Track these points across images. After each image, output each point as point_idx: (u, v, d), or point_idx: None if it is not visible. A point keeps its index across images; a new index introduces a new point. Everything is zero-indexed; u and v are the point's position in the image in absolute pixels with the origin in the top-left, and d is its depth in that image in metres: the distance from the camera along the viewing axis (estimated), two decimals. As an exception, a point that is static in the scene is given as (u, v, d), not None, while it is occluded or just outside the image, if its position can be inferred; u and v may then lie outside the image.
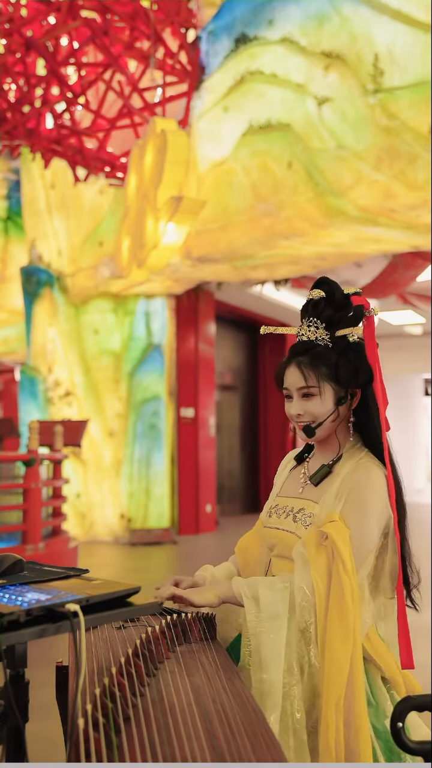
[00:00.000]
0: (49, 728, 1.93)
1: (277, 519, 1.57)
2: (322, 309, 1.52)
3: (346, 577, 1.34)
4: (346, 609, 1.32)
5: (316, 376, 1.49)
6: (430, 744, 1.14)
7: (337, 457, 1.53)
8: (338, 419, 1.53)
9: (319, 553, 1.36)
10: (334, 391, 1.50)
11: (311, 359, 1.50)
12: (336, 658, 1.30)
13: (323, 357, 1.50)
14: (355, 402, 1.53)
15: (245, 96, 6.56)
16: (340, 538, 1.37)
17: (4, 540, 5.83)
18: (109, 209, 9.29)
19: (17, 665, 1.20)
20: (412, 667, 1.42)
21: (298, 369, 1.51)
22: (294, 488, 1.60)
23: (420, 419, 17.52)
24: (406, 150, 5.26)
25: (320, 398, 1.50)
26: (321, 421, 1.51)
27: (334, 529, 1.39)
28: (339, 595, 1.33)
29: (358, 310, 1.50)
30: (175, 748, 0.93)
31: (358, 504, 1.42)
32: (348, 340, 1.50)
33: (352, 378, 1.49)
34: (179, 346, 9.72)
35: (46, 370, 9.88)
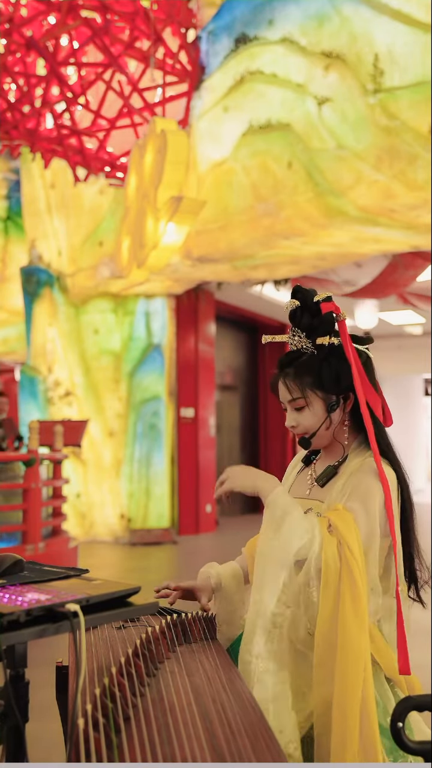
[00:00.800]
0: (49, 728, 1.93)
1: None
2: (300, 318, 1.54)
3: (354, 562, 1.34)
4: (358, 595, 1.33)
5: (300, 387, 1.52)
6: (430, 744, 1.13)
7: (342, 458, 1.54)
8: (333, 425, 1.54)
9: (332, 536, 1.38)
10: (322, 399, 1.52)
11: (295, 371, 1.52)
12: (354, 647, 1.30)
13: (306, 367, 1.52)
14: (349, 405, 1.54)
15: (245, 96, 6.56)
16: (342, 523, 1.38)
17: (4, 540, 5.83)
18: (109, 209, 9.29)
19: (17, 665, 1.20)
20: (408, 674, 1.42)
21: (284, 383, 1.54)
22: (301, 490, 1.61)
23: (420, 419, 17.53)
24: (406, 150, 5.26)
25: (309, 409, 1.53)
26: (314, 432, 1.53)
27: (336, 516, 1.40)
28: (349, 575, 1.34)
29: (328, 318, 1.52)
30: (175, 748, 0.93)
31: (361, 495, 1.43)
32: (330, 345, 1.52)
33: (334, 383, 1.51)
34: (179, 346, 9.72)
35: (46, 370, 9.88)
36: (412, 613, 1.52)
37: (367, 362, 1.55)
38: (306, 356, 1.53)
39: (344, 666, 1.30)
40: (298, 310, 1.54)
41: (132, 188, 8.12)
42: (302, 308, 1.54)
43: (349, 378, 1.50)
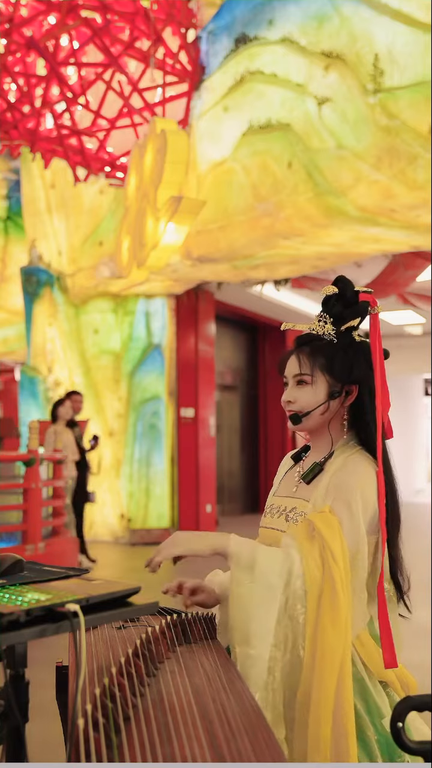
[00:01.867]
0: (49, 728, 1.93)
1: (271, 519, 1.58)
2: (332, 305, 1.55)
3: (335, 567, 1.33)
4: (337, 600, 1.32)
5: (311, 364, 1.52)
6: (430, 744, 1.13)
7: (328, 454, 1.53)
8: (329, 413, 1.53)
9: (312, 544, 1.36)
10: (327, 383, 1.52)
11: (312, 349, 1.53)
12: (328, 650, 1.30)
13: (323, 349, 1.52)
14: (350, 399, 1.53)
15: (245, 96, 6.56)
16: (327, 528, 1.36)
17: (4, 540, 5.83)
18: (109, 209, 9.29)
19: (17, 665, 1.20)
20: (395, 666, 1.41)
21: (297, 357, 1.54)
22: (289, 488, 1.61)
23: (420, 419, 17.52)
24: (406, 150, 5.26)
25: (312, 387, 1.52)
26: (309, 411, 1.52)
27: (320, 519, 1.39)
28: (330, 586, 1.32)
29: (363, 305, 1.53)
30: (175, 748, 0.93)
31: (344, 496, 1.42)
32: (353, 338, 1.53)
33: (345, 372, 1.51)
34: (179, 346, 9.72)
35: (46, 370, 9.88)
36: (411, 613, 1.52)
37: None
38: (325, 341, 1.53)
39: (320, 672, 1.30)
40: (333, 297, 1.55)
41: (132, 188, 8.12)
42: (338, 296, 1.55)
43: (361, 372, 1.50)
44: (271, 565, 1.33)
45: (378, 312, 1.52)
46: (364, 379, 1.50)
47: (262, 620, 1.31)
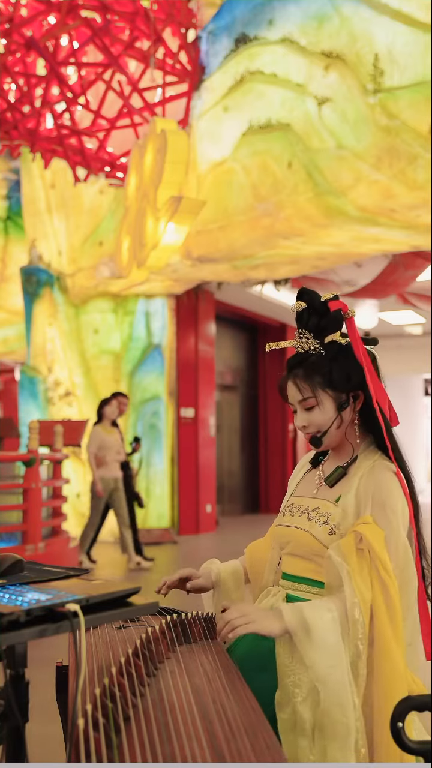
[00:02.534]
0: (49, 728, 1.93)
1: (290, 517, 1.57)
2: (307, 319, 1.54)
3: (388, 578, 1.33)
4: (395, 611, 1.32)
5: (310, 387, 1.52)
6: (430, 744, 1.13)
7: (352, 459, 1.54)
8: (344, 424, 1.54)
9: (360, 561, 1.35)
10: (332, 398, 1.53)
11: (305, 371, 1.53)
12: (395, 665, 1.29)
13: (316, 366, 1.52)
14: (359, 404, 1.54)
15: (245, 96, 6.56)
16: (376, 540, 1.36)
17: (4, 540, 5.83)
18: (109, 209, 9.29)
19: (17, 665, 1.20)
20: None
21: (294, 383, 1.55)
22: (309, 489, 1.61)
23: (420, 419, 17.52)
24: (406, 150, 5.26)
25: (319, 408, 1.53)
26: (325, 430, 1.53)
27: (368, 530, 1.39)
28: (385, 598, 1.32)
29: (337, 315, 1.52)
30: (175, 748, 0.92)
31: (382, 509, 1.43)
32: (339, 345, 1.52)
33: (345, 381, 1.51)
34: (179, 346, 9.72)
35: (46, 370, 9.88)
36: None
37: (375, 362, 1.55)
38: (315, 356, 1.53)
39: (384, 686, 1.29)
40: (305, 311, 1.54)
41: (132, 188, 8.12)
42: (309, 309, 1.54)
43: (359, 376, 1.50)
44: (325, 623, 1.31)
45: (352, 316, 1.52)
46: (365, 381, 1.51)
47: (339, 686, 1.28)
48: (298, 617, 1.31)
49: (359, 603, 1.31)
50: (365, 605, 1.31)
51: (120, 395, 7.34)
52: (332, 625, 1.30)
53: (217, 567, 1.69)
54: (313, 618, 1.30)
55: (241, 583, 1.71)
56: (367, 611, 1.31)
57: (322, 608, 1.33)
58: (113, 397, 7.21)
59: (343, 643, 1.30)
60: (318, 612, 1.32)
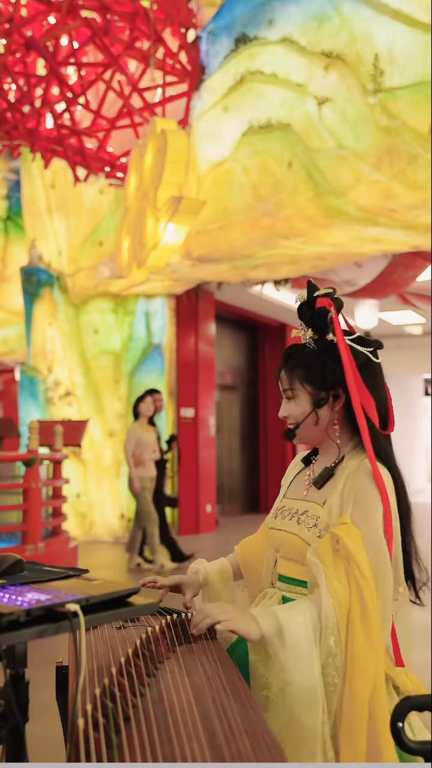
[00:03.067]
0: (49, 728, 1.93)
1: (281, 521, 1.57)
2: (304, 312, 1.55)
3: (363, 581, 1.32)
4: (367, 614, 1.31)
5: (290, 378, 1.54)
6: (430, 744, 1.13)
7: (339, 458, 1.53)
8: (322, 422, 1.53)
9: (336, 561, 1.35)
10: (309, 393, 1.52)
11: (291, 362, 1.55)
12: (360, 665, 1.28)
13: (301, 359, 1.53)
14: (338, 404, 1.52)
15: (245, 96, 6.56)
16: (352, 541, 1.35)
17: (4, 540, 5.83)
18: (109, 209, 9.29)
19: (17, 665, 1.20)
20: (403, 665, 1.41)
21: (281, 373, 1.57)
22: (299, 491, 1.61)
23: (420, 419, 17.53)
24: (406, 150, 5.26)
25: (296, 401, 1.54)
26: (298, 423, 1.54)
27: (345, 531, 1.37)
28: (359, 600, 1.31)
29: (321, 313, 1.52)
30: (175, 747, 0.92)
31: (364, 508, 1.41)
32: (328, 341, 1.52)
33: (319, 378, 1.51)
34: (179, 346, 9.72)
35: (46, 370, 9.88)
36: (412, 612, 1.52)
37: (368, 365, 1.52)
38: (306, 350, 1.54)
39: (352, 686, 1.28)
40: (304, 304, 1.55)
41: (132, 188, 8.12)
42: (307, 303, 1.55)
43: (336, 375, 1.49)
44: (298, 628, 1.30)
45: (335, 314, 1.51)
46: (340, 382, 1.50)
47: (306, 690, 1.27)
48: (273, 621, 1.31)
49: (334, 604, 1.30)
50: (340, 606, 1.30)
51: (154, 392, 7.19)
52: (305, 629, 1.29)
53: (205, 567, 1.68)
54: (287, 622, 1.30)
55: (230, 582, 1.70)
56: (342, 612, 1.30)
57: (296, 611, 1.32)
58: (147, 394, 7.07)
59: (316, 646, 1.29)
60: (291, 616, 1.31)
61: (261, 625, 1.30)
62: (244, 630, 1.31)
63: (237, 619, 1.31)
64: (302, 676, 1.27)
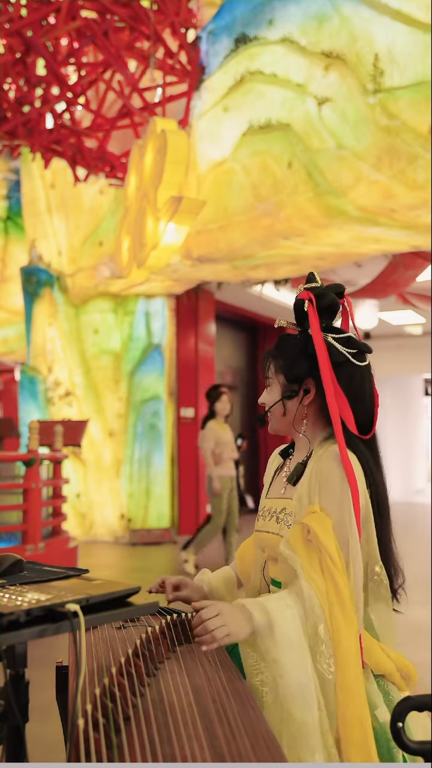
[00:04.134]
0: (49, 728, 1.93)
1: (263, 522, 1.57)
2: (298, 305, 1.58)
3: (335, 570, 1.32)
4: (343, 603, 1.31)
5: (267, 366, 1.58)
6: (430, 744, 1.13)
7: (309, 452, 1.53)
8: (289, 414, 1.54)
9: (310, 552, 1.34)
10: (280, 383, 1.55)
11: (274, 351, 1.58)
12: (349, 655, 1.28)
13: (280, 350, 1.56)
14: (307, 399, 1.51)
15: (245, 96, 6.56)
16: (322, 530, 1.34)
17: (4, 540, 5.83)
18: (109, 209, 9.30)
19: (17, 665, 1.20)
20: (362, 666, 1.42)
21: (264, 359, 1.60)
22: (278, 489, 1.61)
23: (420, 419, 17.52)
24: (406, 150, 5.26)
25: (269, 389, 1.58)
26: (266, 410, 1.57)
27: (315, 521, 1.37)
28: (335, 589, 1.31)
29: (297, 304, 1.54)
30: (175, 748, 0.93)
31: (330, 491, 1.40)
32: (307, 335, 1.53)
33: (288, 369, 1.52)
34: (179, 346, 9.72)
35: (46, 370, 9.88)
36: (411, 612, 1.51)
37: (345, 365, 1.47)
38: (291, 340, 1.56)
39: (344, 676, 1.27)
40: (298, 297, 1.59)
41: (132, 188, 8.12)
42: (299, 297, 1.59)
43: (305, 369, 1.49)
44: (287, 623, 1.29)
45: (308, 309, 1.52)
46: (307, 375, 1.50)
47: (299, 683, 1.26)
48: (264, 614, 1.30)
49: (316, 593, 1.30)
50: (320, 593, 1.30)
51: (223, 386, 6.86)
52: (293, 622, 1.29)
53: (209, 577, 1.69)
54: (276, 615, 1.29)
55: (234, 589, 1.70)
56: (323, 600, 1.30)
57: (283, 604, 1.31)
58: (218, 391, 6.72)
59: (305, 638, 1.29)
60: (280, 609, 1.31)
61: (254, 618, 1.29)
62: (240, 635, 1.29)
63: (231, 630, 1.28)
64: (295, 668, 1.26)
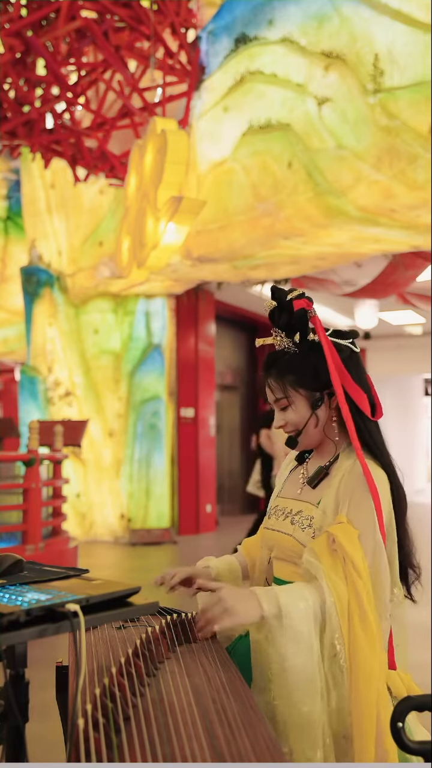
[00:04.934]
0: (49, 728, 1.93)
1: (275, 521, 1.56)
2: (277, 317, 1.54)
3: (359, 581, 1.31)
4: (365, 614, 1.30)
5: (281, 386, 1.52)
6: (430, 744, 1.13)
7: (333, 457, 1.52)
8: (321, 423, 1.52)
9: (334, 561, 1.34)
10: (305, 396, 1.51)
11: (277, 370, 1.53)
12: (362, 662, 1.27)
13: (287, 365, 1.52)
14: (334, 400, 1.52)
15: (245, 96, 6.56)
16: (347, 540, 1.34)
17: (4, 540, 5.83)
18: (109, 209, 9.30)
19: (17, 665, 1.20)
20: (395, 668, 1.41)
21: (268, 383, 1.55)
22: (293, 490, 1.60)
23: (420, 419, 17.53)
24: (406, 150, 5.26)
25: (293, 408, 1.52)
26: (300, 430, 1.52)
27: (340, 530, 1.36)
28: (356, 599, 1.30)
29: (300, 315, 1.50)
30: (175, 748, 0.92)
31: (359, 508, 1.40)
32: (310, 342, 1.51)
33: (314, 379, 1.50)
34: (179, 346, 9.72)
35: (46, 370, 9.88)
36: (411, 613, 1.52)
37: (351, 356, 1.52)
38: (288, 355, 1.52)
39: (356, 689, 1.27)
40: (275, 310, 1.54)
41: (132, 188, 8.12)
42: (279, 308, 1.53)
43: (327, 374, 1.48)
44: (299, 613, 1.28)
45: (314, 314, 1.51)
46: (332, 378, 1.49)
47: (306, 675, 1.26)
48: (274, 603, 1.29)
49: (335, 602, 1.29)
50: (341, 603, 1.29)
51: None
52: (305, 615, 1.28)
53: (214, 564, 1.67)
54: (287, 605, 1.28)
55: (238, 579, 1.69)
56: (343, 610, 1.29)
57: (297, 596, 1.31)
58: None
59: (316, 633, 1.28)
60: (292, 599, 1.30)
61: (263, 606, 1.28)
62: (244, 617, 1.28)
63: (235, 608, 1.28)
64: (301, 659, 1.26)
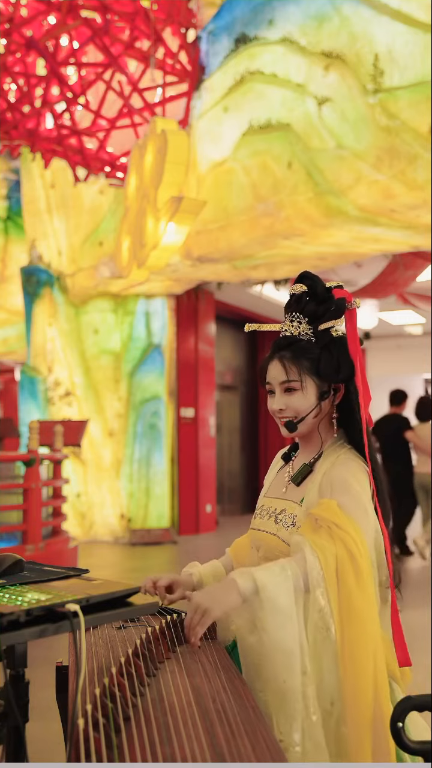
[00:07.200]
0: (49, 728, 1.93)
1: (261, 521, 1.56)
2: (305, 303, 1.52)
3: (347, 536, 1.30)
4: (358, 566, 1.28)
5: (298, 370, 1.49)
6: (430, 744, 1.13)
7: (318, 454, 1.52)
8: (321, 414, 1.52)
9: (318, 529, 1.33)
10: (316, 385, 1.50)
11: (294, 353, 1.50)
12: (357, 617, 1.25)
13: (306, 351, 1.49)
14: (339, 397, 1.52)
15: (245, 96, 6.56)
16: (327, 510, 1.34)
17: (4, 540, 5.83)
18: (109, 209, 9.29)
19: (17, 665, 1.20)
20: (409, 665, 1.40)
21: (281, 363, 1.51)
22: (278, 489, 1.59)
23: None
24: (406, 150, 5.26)
25: (302, 393, 1.50)
26: (303, 417, 1.50)
27: (319, 507, 1.37)
28: (347, 552, 1.29)
29: (340, 303, 1.49)
30: (175, 748, 0.92)
31: (347, 491, 1.39)
32: (331, 335, 1.50)
33: (333, 372, 1.49)
34: (179, 346, 9.72)
35: (46, 370, 9.88)
36: (410, 614, 1.51)
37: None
38: (305, 342, 1.50)
39: (351, 644, 1.25)
40: (304, 295, 1.52)
41: (132, 188, 8.12)
42: (309, 294, 1.51)
43: (348, 369, 1.48)
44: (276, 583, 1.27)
45: (356, 307, 1.48)
46: (352, 376, 1.49)
47: (286, 648, 1.24)
48: (249, 578, 1.28)
49: (319, 557, 1.28)
50: (325, 557, 1.28)
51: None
52: (284, 586, 1.26)
53: (198, 571, 1.66)
54: (262, 578, 1.27)
55: None
56: (328, 562, 1.27)
57: (275, 570, 1.30)
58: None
59: (297, 603, 1.26)
60: (269, 573, 1.29)
61: (239, 585, 1.27)
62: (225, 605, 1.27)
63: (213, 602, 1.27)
64: (280, 630, 1.24)
